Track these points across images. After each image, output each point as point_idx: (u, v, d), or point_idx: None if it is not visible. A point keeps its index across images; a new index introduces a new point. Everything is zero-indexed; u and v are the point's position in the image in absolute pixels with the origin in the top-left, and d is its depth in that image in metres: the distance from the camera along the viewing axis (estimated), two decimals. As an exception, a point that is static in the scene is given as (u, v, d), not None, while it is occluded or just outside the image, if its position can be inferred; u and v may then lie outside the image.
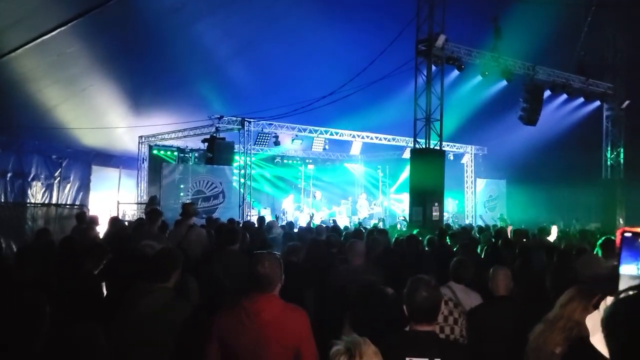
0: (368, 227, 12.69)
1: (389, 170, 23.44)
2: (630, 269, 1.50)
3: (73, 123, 16.56)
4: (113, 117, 17.45)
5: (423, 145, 13.06)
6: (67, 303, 3.89)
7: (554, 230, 9.76)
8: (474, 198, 22.15)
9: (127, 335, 3.31)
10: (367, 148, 21.99)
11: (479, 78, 15.33)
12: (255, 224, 10.16)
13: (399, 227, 14.66)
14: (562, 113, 18.93)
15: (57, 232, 9.48)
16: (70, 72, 14.67)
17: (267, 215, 16.98)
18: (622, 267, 1.50)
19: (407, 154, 19.75)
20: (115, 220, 9.11)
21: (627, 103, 18.26)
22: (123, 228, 8.15)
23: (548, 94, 16.59)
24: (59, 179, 17.36)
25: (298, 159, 24.30)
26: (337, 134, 19.61)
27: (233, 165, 17.33)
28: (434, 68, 13.08)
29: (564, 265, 4.66)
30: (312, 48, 16.43)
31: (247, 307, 2.95)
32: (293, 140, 18.98)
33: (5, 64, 12.58)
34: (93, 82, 15.42)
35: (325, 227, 9.87)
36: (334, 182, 25.22)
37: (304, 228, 11.38)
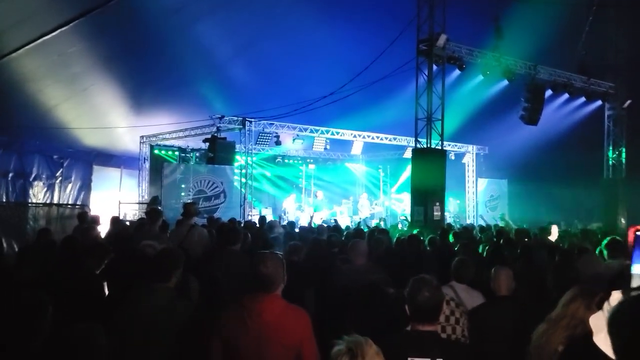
0: (368, 227, 12.68)
1: (390, 170, 23.42)
2: None
3: (74, 123, 16.56)
4: (114, 117, 17.45)
5: (424, 145, 13.04)
6: (68, 303, 3.89)
7: (555, 230, 9.72)
8: (475, 198, 22.12)
9: (128, 335, 3.31)
10: (368, 148, 21.96)
11: (480, 77, 15.30)
12: (257, 224, 10.17)
13: (400, 227, 14.64)
14: (563, 112, 18.90)
15: (58, 232, 9.48)
16: (72, 71, 14.67)
17: (268, 215, 16.97)
18: (634, 266, 1.49)
19: (408, 154, 19.75)
20: (117, 220, 9.13)
21: (628, 102, 18.22)
22: (125, 228, 8.15)
23: (549, 94, 16.56)
24: (61, 179, 17.37)
25: (299, 159, 24.28)
26: (338, 134, 19.60)
27: (234, 165, 17.32)
28: (435, 68, 13.06)
29: (566, 265, 4.65)
30: (313, 48, 16.43)
31: (249, 307, 2.95)
32: (294, 140, 18.97)
33: (6, 64, 12.58)
34: (94, 81, 15.42)
35: (327, 226, 9.86)
36: (335, 181, 25.19)
37: (305, 228, 11.38)
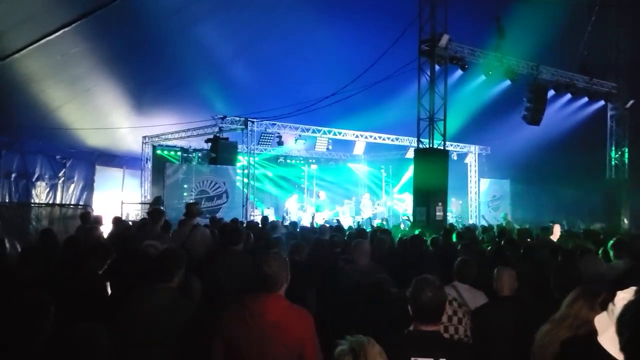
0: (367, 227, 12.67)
1: (392, 170, 23.41)
2: None
3: (77, 123, 16.60)
4: (116, 117, 17.48)
5: (426, 145, 13.03)
6: (70, 303, 3.89)
7: (557, 230, 9.72)
8: (478, 198, 22.10)
9: (130, 335, 3.32)
10: (370, 148, 21.97)
11: (483, 78, 15.29)
12: (259, 224, 10.17)
13: (403, 227, 14.63)
14: (566, 113, 18.86)
15: (61, 232, 9.50)
16: (74, 72, 14.70)
17: (270, 216, 16.98)
18: None
19: (410, 154, 19.73)
20: (119, 220, 9.15)
21: (631, 103, 18.18)
22: (127, 228, 8.17)
23: (552, 94, 16.53)
24: (63, 179, 17.40)
25: (301, 159, 24.30)
26: (340, 134, 19.61)
27: (236, 165, 17.34)
28: (437, 68, 13.05)
29: (568, 265, 4.64)
30: (314, 48, 16.43)
31: (251, 307, 2.94)
32: (296, 140, 18.98)
33: (9, 65, 12.61)
34: (97, 82, 15.45)
35: (329, 226, 9.86)
36: (337, 182, 25.21)
37: (307, 228, 11.38)
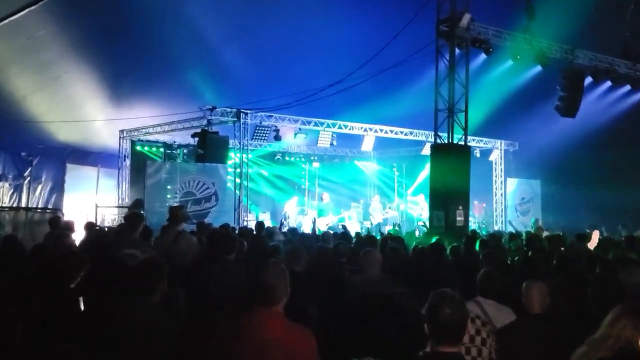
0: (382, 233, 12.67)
1: (406, 169, 23.35)
2: None
3: (45, 115, 16.64)
4: (90, 108, 17.52)
5: (445, 140, 13.01)
6: (39, 320, 3.90)
7: (595, 237, 9.70)
8: (504, 201, 22.06)
9: (107, 356, 3.32)
10: (380, 143, 21.93)
11: (510, 63, 15.26)
12: (254, 231, 10.17)
13: (418, 233, 14.63)
14: (605, 103, 18.82)
15: (27, 239, 9.50)
16: (42, 58, 14.75)
17: (266, 221, 16.97)
18: None
19: (426, 150, 19.69)
20: (93, 226, 9.16)
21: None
22: (103, 235, 8.17)
23: (589, 81, 16.50)
24: (29, 179, 17.44)
25: (302, 156, 24.28)
26: (346, 128, 19.59)
27: (227, 163, 17.34)
28: (458, 52, 13.03)
29: (608, 278, 4.63)
30: (317, 30, 16.45)
31: (245, 324, 2.94)
32: (296, 135, 18.97)
33: (-33, 49, 12.68)
34: (67, 69, 15.48)
35: (333, 233, 9.86)
36: (343, 182, 25.18)
37: (309, 235, 11.38)
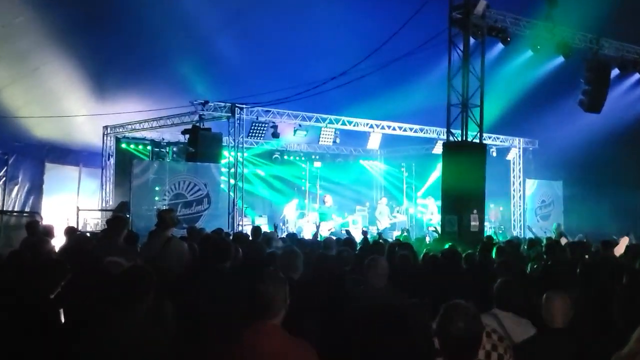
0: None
1: (416, 169, 23.35)
2: None
3: (22, 110, 16.66)
4: (71, 102, 17.53)
5: (459, 138, 13.00)
6: (16, 334, 3.91)
7: (623, 244, 9.69)
8: (523, 204, 22.05)
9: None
10: (388, 141, 21.94)
11: (529, 53, 15.25)
12: (250, 236, 10.17)
13: (428, 239, 14.62)
14: (633, 97, 18.80)
15: (2, 245, 9.53)
16: (19, 47, 14.76)
17: (263, 225, 16.97)
18: None
19: (438, 149, 19.69)
20: (74, 231, 9.17)
21: None
22: (85, 241, 8.18)
23: (616, 73, 16.49)
24: (4, 180, 17.45)
25: (302, 155, 24.28)
26: (350, 124, 19.59)
27: (221, 163, 17.34)
28: (473, 41, 13.03)
29: (636, 289, 4.62)
30: (319, 17, 16.45)
31: (240, 339, 2.94)
32: (296, 132, 18.96)
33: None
34: (47, 59, 15.50)
35: (336, 239, 9.85)
36: (347, 183, 25.18)
37: (310, 241, 11.37)
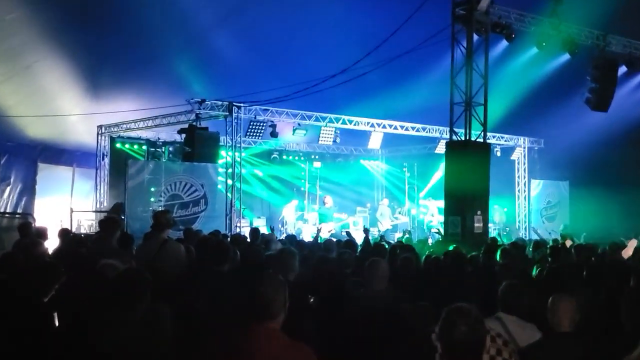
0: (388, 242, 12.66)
1: (418, 169, 23.36)
2: None
3: (14, 109, 16.65)
4: (65, 101, 17.53)
5: (462, 137, 13.00)
6: (8, 339, 3.91)
7: (632, 246, 9.68)
8: (528, 205, 22.05)
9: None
10: (389, 141, 21.95)
11: (534, 51, 15.26)
12: (247, 238, 10.18)
13: (431, 241, 14.63)
14: (641, 95, 18.82)
15: (-6, 248, 9.53)
16: (10, 44, 14.76)
17: (261, 227, 16.98)
18: None
19: (441, 148, 19.71)
20: (67, 233, 9.17)
21: None
22: (79, 243, 8.19)
23: (623, 71, 16.49)
24: (-4, 181, 17.47)
25: (301, 155, 24.29)
26: (351, 123, 19.59)
27: (218, 163, 17.34)
28: (476, 38, 13.03)
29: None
30: (319, 13, 16.45)
31: (238, 343, 2.95)
32: (295, 131, 18.98)
33: None
34: (39, 57, 15.49)
35: (337, 241, 9.86)
36: (348, 184, 25.18)
37: (310, 243, 11.37)
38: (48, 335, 4.31)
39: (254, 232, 10.44)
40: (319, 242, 11.69)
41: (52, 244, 8.61)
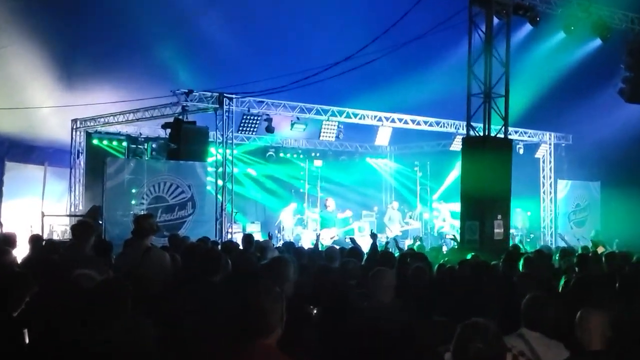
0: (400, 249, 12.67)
1: (431, 169, 23.37)
2: None
3: (-22, 101, 16.69)
4: (36, 92, 17.55)
5: (481, 133, 13.02)
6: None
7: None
8: (554, 208, 22.03)
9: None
10: (399, 136, 21.96)
11: (561, 35, 15.26)
12: (240, 246, 10.18)
13: (445, 249, 14.64)
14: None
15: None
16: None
17: (255, 233, 16.98)
18: None
19: (457, 145, 19.71)
20: (38, 240, 9.17)
21: None
22: (52, 250, 8.20)
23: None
24: (-42, 181, 17.50)
25: (300, 152, 24.27)
26: (356, 117, 19.58)
27: (207, 161, 17.34)
28: (497, 21, 13.04)
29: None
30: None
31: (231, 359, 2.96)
32: (293, 125, 18.97)
33: None
34: (7, 42, 15.51)
35: (340, 249, 9.86)
36: (352, 185, 25.18)
37: (310, 251, 11.37)
38: (18, 354, 4.32)
39: (247, 238, 10.43)
40: (320, 249, 11.70)
41: (21, 252, 8.62)
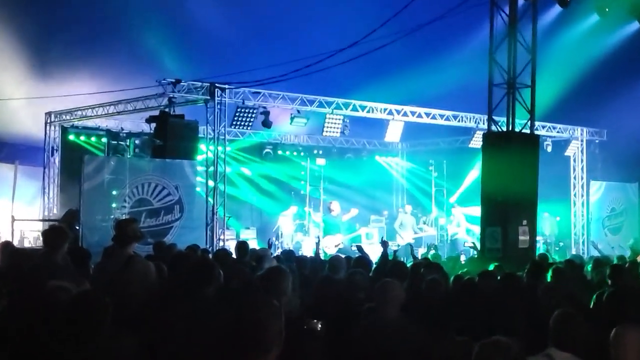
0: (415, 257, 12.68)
1: (448, 168, 23.39)
2: None
3: (-58, 92, 16.74)
4: (6, 82, 17.59)
5: (504, 128, 13.02)
6: None
7: None
8: (587, 213, 22.00)
9: None
10: (412, 132, 21.97)
11: (595, 18, 15.25)
12: (233, 254, 10.19)
13: (464, 259, 14.63)
14: None
15: None
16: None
17: (251, 240, 16.98)
18: None
19: (477, 142, 19.70)
20: (8, 247, 9.19)
21: None
22: (24, 259, 8.21)
23: None
24: None
25: (301, 150, 24.31)
26: (363, 110, 19.58)
27: (197, 160, 17.36)
28: (522, 2, 13.05)
29: None
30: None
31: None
32: (293, 119, 18.98)
33: None
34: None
35: (346, 258, 9.87)
36: (359, 186, 25.17)
37: (311, 259, 11.38)
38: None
39: (241, 246, 10.45)
40: (323, 258, 11.70)
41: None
